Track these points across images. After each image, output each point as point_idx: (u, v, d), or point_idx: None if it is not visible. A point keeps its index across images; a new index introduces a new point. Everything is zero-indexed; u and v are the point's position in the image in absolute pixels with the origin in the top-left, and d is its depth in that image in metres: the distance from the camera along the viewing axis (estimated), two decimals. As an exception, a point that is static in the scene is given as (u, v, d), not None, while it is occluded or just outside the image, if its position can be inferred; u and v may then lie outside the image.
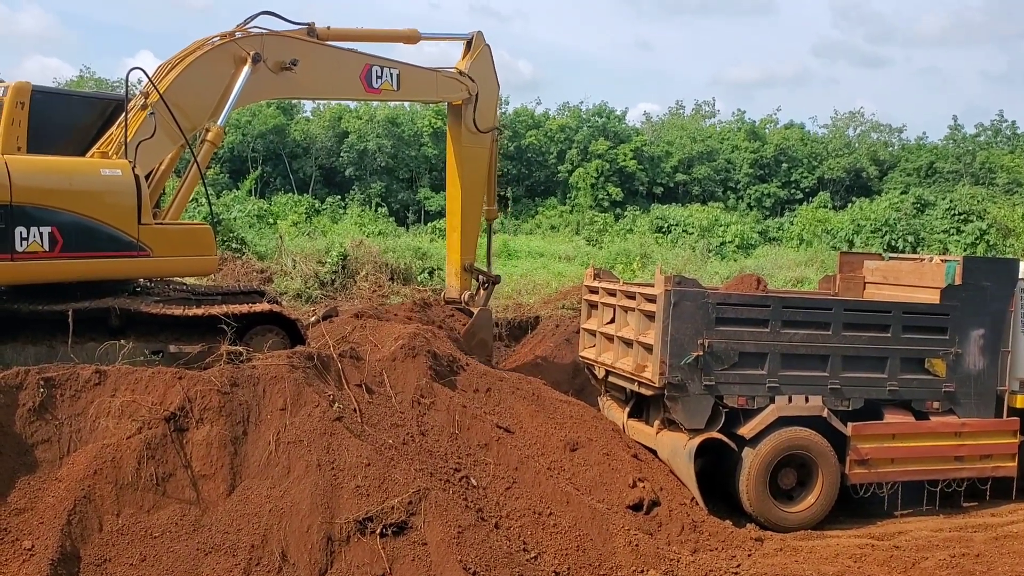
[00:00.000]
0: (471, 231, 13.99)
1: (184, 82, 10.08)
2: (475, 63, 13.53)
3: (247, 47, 10.52)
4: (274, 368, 8.04)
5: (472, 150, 13.67)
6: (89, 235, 8.92)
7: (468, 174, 13.69)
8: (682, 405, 9.29)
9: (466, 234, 13.83)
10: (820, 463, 9.51)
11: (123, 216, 9.12)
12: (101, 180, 9.11)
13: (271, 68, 10.76)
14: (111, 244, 9.07)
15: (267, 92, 11.66)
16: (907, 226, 33.66)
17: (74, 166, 9.28)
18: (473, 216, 14.00)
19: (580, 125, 60.94)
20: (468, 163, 13.66)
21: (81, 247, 8.92)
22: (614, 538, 8.04)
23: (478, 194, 14.00)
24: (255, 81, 10.64)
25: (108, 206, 9.05)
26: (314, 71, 11.47)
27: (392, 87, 12.35)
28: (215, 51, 10.38)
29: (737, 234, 36.99)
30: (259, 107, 58.34)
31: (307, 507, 7.08)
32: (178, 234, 9.78)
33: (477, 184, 13.92)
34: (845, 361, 9.68)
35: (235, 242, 20.88)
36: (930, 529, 9.45)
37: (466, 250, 13.91)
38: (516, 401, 9.61)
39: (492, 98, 14.03)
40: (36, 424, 7.28)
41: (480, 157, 13.84)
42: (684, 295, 9.20)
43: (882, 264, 12.29)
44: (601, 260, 27.15)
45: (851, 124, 68.51)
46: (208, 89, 10.32)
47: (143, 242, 9.24)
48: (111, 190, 9.10)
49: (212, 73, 10.36)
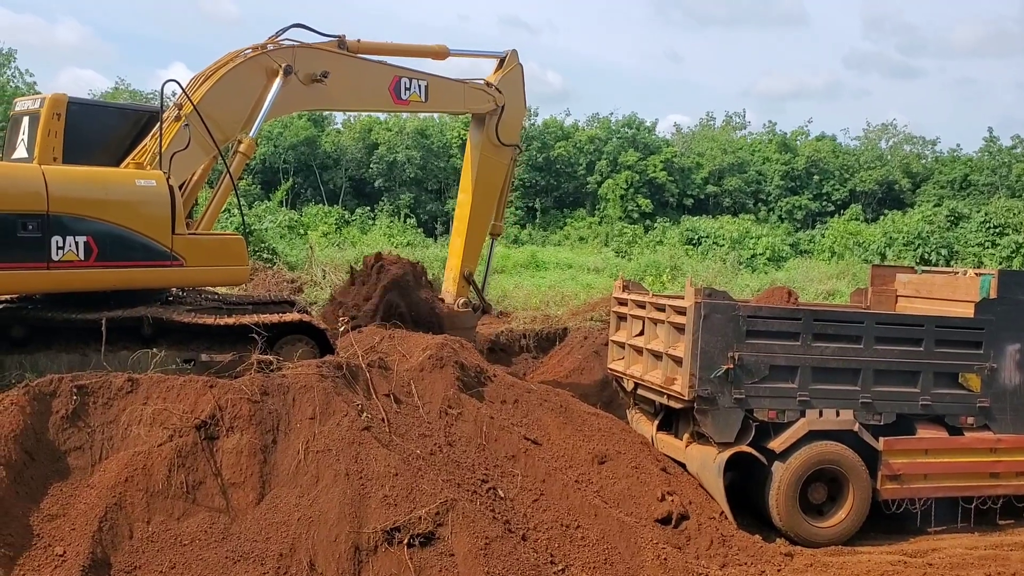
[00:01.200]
0: (475, 240, 14.04)
1: (217, 94, 10.22)
2: (505, 78, 13.62)
3: (279, 59, 10.65)
4: (304, 377, 8.08)
5: (491, 160, 13.74)
6: (124, 245, 9.04)
7: (482, 183, 13.75)
8: (712, 418, 9.22)
9: (470, 242, 13.90)
10: (851, 478, 9.40)
11: (157, 226, 9.23)
12: (136, 190, 9.24)
13: (302, 80, 10.87)
14: (145, 254, 9.18)
15: (298, 104, 11.76)
16: (941, 239, 33.32)
17: (110, 176, 9.40)
18: (480, 225, 14.04)
19: (609, 136, 60.87)
20: (484, 172, 13.73)
21: (116, 257, 9.04)
22: (642, 552, 7.99)
23: (489, 204, 14.01)
24: (286, 93, 10.74)
25: (143, 216, 9.16)
26: (344, 83, 11.60)
27: (420, 99, 12.47)
28: (247, 63, 10.52)
29: (768, 246, 36.79)
30: (290, 119, 58.95)
31: (335, 516, 7.11)
32: (211, 244, 9.90)
33: (489, 194, 13.95)
34: (877, 375, 9.57)
35: (266, 252, 21.09)
36: (965, 547, 9.30)
37: (468, 258, 13.98)
38: (544, 413, 9.59)
39: (518, 114, 14.12)
40: (69, 431, 7.37)
41: (497, 169, 13.88)
42: (714, 308, 9.14)
43: (915, 277, 12.15)
44: (630, 272, 27.09)
45: (883, 136, 67.92)
46: (240, 101, 10.46)
47: (177, 252, 9.34)
48: (146, 200, 9.21)
49: (244, 85, 10.49)
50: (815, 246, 41.07)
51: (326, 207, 44.27)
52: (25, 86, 50.14)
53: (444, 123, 61.89)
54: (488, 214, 14.08)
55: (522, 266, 29.38)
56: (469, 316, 13.99)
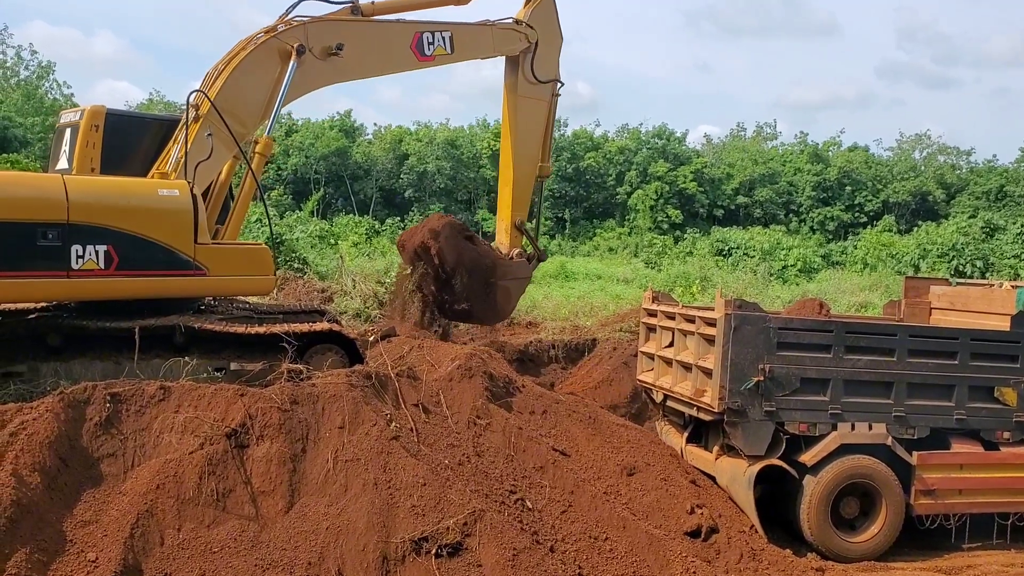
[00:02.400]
0: (524, 187, 13.34)
1: (232, 87, 10.05)
2: (536, 11, 12.99)
3: (290, 40, 10.36)
4: (333, 386, 8.12)
5: (528, 101, 13.01)
6: (145, 254, 9.07)
7: (523, 125, 13.05)
8: (742, 431, 9.15)
9: (518, 189, 13.23)
10: (884, 493, 9.28)
11: (180, 235, 9.24)
12: (159, 200, 9.27)
13: (318, 56, 10.54)
14: (167, 263, 9.20)
15: (317, 81, 11.17)
16: (976, 251, 32.89)
17: (132, 186, 9.49)
18: (526, 171, 13.30)
19: (639, 147, 60.86)
20: (523, 113, 13.03)
21: (136, 265, 9.06)
22: (671, 565, 7.93)
23: (532, 148, 13.28)
24: (303, 73, 10.46)
25: (164, 225, 9.17)
26: (362, 50, 11.16)
27: (445, 50, 11.90)
28: (258, 51, 10.27)
29: (799, 258, 36.51)
30: (322, 130, 59.59)
31: (363, 526, 7.12)
32: (235, 254, 9.90)
33: (532, 137, 13.22)
34: (910, 388, 9.45)
35: (297, 262, 21.23)
36: (1000, 564, 9.14)
37: (517, 206, 13.32)
38: (572, 424, 9.56)
39: (553, 47, 13.35)
40: (102, 438, 7.45)
41: (536, 109, 13.16)
42: (745, 319, 9.08)
43: (949, 289, 12.00)
44: (660, 283, 26.99)
45: (917, 146, 67.37)
46: (257, 90, 10.27)
47: (199, 261, 9.35)
48: (168, 209, 9.22)
49: (259, 73, 10.25)
50: (847, 257, 40.70)
51: (356, 217, 44.60)
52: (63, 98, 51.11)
53: (474, 134, 62.17)
54: (533, 158, 13.38)
55: (551, 277, 29.36)
56: (523, 266, 13.39)
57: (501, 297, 12.84)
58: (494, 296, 12.77)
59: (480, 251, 12.98)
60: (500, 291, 12.76)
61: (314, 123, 62.18)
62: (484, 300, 12.84)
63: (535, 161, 13.40)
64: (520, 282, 13.07)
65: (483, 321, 13.69)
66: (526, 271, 13.41)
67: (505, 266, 12.89)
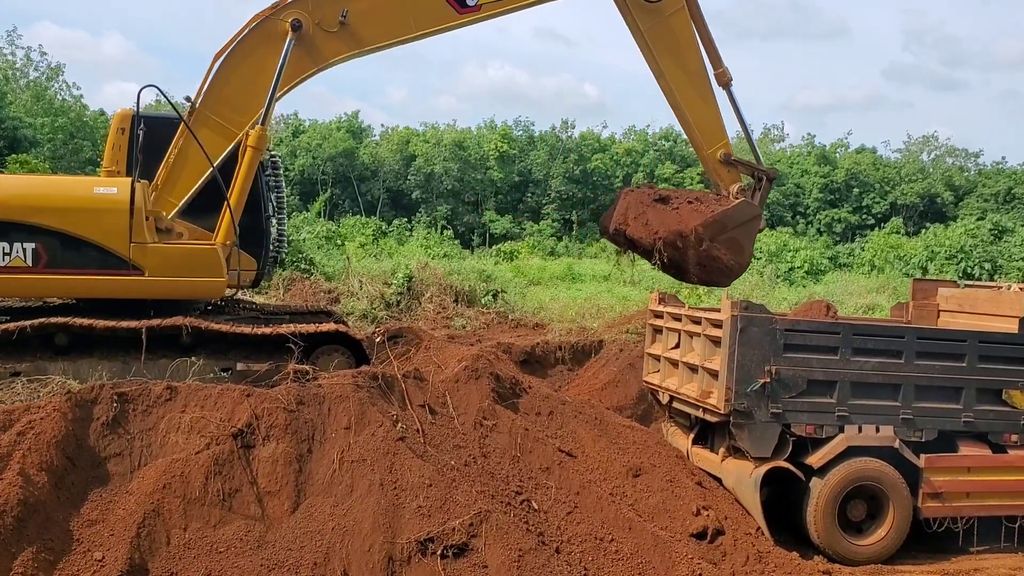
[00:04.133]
0: (703, 115, 11.28)
1: (228, 75, 9.69)
2: None
3: (286, 16, 9.62)
4: (339, 387, 8.13)
5: (657, 28, 10.86)
6: (76, 252, 8.99)
7: (666, 56, 10.97)
8: (748, 433, 9.13)
9: (702, 121, 11.28)
10: (891, 495, 9.25)
11: (114, 234, 9.07)
12: (93, 198, 9.18)
13: (327, 28, 9.66)
14: (100, 262, 9.07)
15: (327, 55, 10.01)
16: (984, 253, 32.74)
17: (65, 184, 9.52)
18: (699, 97, 11.20)
19: (646, 149, 60.83)
20: (660, 44, 10.90)
21: (66, 264, 9.01)
22: (677, 567, 7.91)
23: (691, 70, 11.11)
24: (305, 51, 9.69)
25: (99, 224, 9.05)
26: (383, 9, 9.93)
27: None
28: (253, 36, 9.74)
29: (806, 259, 36.39)
30: (329, 130, 59.68)
31: (369, 526, 7.12)
32: (178, 255, 9.45)
33: (684, 59, 11.06)
34: (918, 391, 9.41)
35: (304, 263, 21.27)
36: (1008, 567, 9.11)
37: (710, 139, 11.30)
38: (578, 425, 9.56)
39: None
40: (109, 438, 7.47)
41: (669, 30, 10.93)
42: (751, 321, 9.06)
43: (957, 292, 11.95)
44: (666, 284, 26.92)
45: (925, 148, 67.16)
46: (260, 77, 9.68)
47: (136, 261, 9.14)
48: (102, 208, 9.10)
49: (257, 59, 9.69)
50: (855, 259, 40.60)
51: (363, 218, 44.63)
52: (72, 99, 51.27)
53: (482, 136, 62.18)
54: (697, 81, 11.19)
55: (558, 278, 29.36)
56: (745, 206, 11.08)
57: (730, 252, 10.78)
58: (720, 258, 10.71)
59: (699, 203, 10.94)
60: (726, 244, 10.72)
61: (321, 124, 62.36)
62: (712, 266, 10.90)
63: (701, 81, 11.19)
64: (746, 225, 10.92)
65: (723, 283, 11.44)
66: (749, 210, 11.10)
67: (731, 216, 10.83)
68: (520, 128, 64.14)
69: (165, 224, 9.56)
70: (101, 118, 50.85)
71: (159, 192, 9.72)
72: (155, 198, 9.66)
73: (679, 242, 10.49)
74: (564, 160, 59.07)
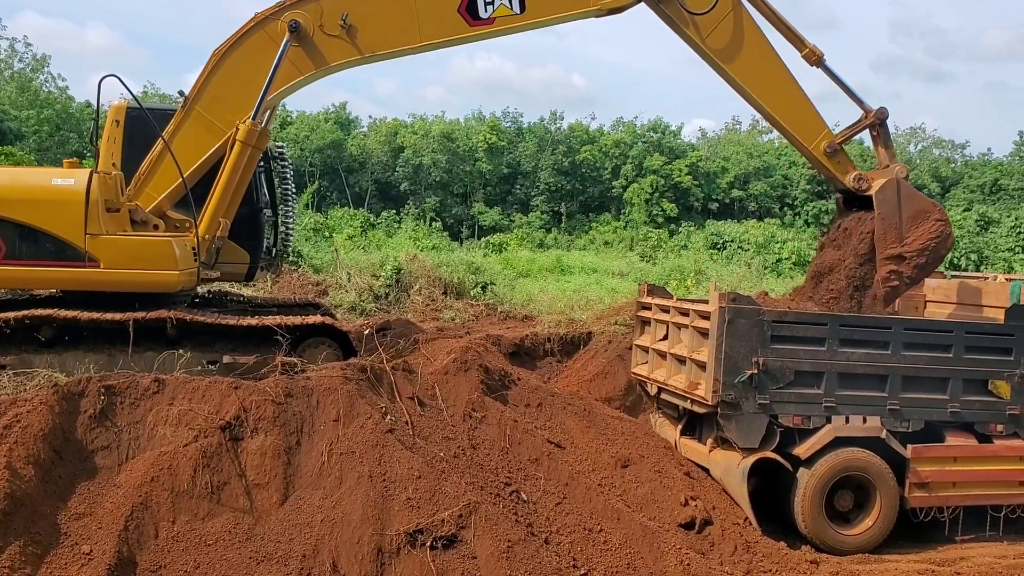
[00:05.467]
0: (797, 111, 10.56)
1: (224, 73, 9.62)
2: None
3: (287, 17, 9.50)
4: (328, 380, 8.11)
5: (716, 37, 10.30)
6: (33, 243, 8.95)
7: (735, 61, 10.35)
8: (736, 424, 9.16)
9: (794, 119, 10.59)
10: (878, 485, 9.30)
11: (69, 225, 9.00)
12: (50, 189, 9.10)
13: (328, 32, 9.52)
14: (56, 254, 9.02)
15: (329, 59, 9.78)
16: (970, 244, 32.90)
17: (22, 175, 9.43)
18: (783, 95, 10.49)
19: (635, 140, 60.82)
20: (725, 52, 10.30)
21: (23, 255, 8.97)
22: (665, 557, 7.94)
23: (766, 69, 10.39)
24: (304, 54, 9.56)
25: (54, 215, 8.98)
26: (386, 17, 9.66)
27: (511, 9, 9.78)
28: (252, 34, 9.65)
29: (794, 251, 36.43)
30: (317, 122, 59.48)
31: (358, 518, 7.12)
32: (132, 246, 9.34)
33: (755, 60, 10.37)
34: (905, 381, 9.46)
35: (292, 255, 21.20)
36: (993, 556, 9.18)
37: (808, 135, 10.59)
38: (567, 416, 9.57)
39: None
40: (96, 431, 7.45)
41: (729, 34, 10.30)
42: (739, 312, 9.08)
43: (944, 283, 12.02)
44: (655, 276, 26.99)
45: (912, 140, 67.39)
46: (252, 77, 9.60)
47: (91, 253, 9.07)
48: (59, 199, 9.03)
49: (253, 57, 9.58)
50: (842, 251, 40.67)
51: (352, 210, 44.52)
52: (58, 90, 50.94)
53: (470, 127, 62.08)
54: (779, 74, 10.44)
55: (547, 270, 29.32)
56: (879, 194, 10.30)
57: (915, 219, 10.32)
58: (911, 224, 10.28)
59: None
60: (914, 217, 10.33)
61: (309, 116, 62.08)
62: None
63: (781, 77, 10.47)
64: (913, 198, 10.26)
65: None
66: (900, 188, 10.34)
67: (887, 204, 10.35)
68: (509, 120, 64.13)
69: (141, 216, 9.51)
70: (87, 110, 50.50)
71: (139, 185, 9.70)
72: (135, 191, 9.64)
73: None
74: (553, 152, 59.04)
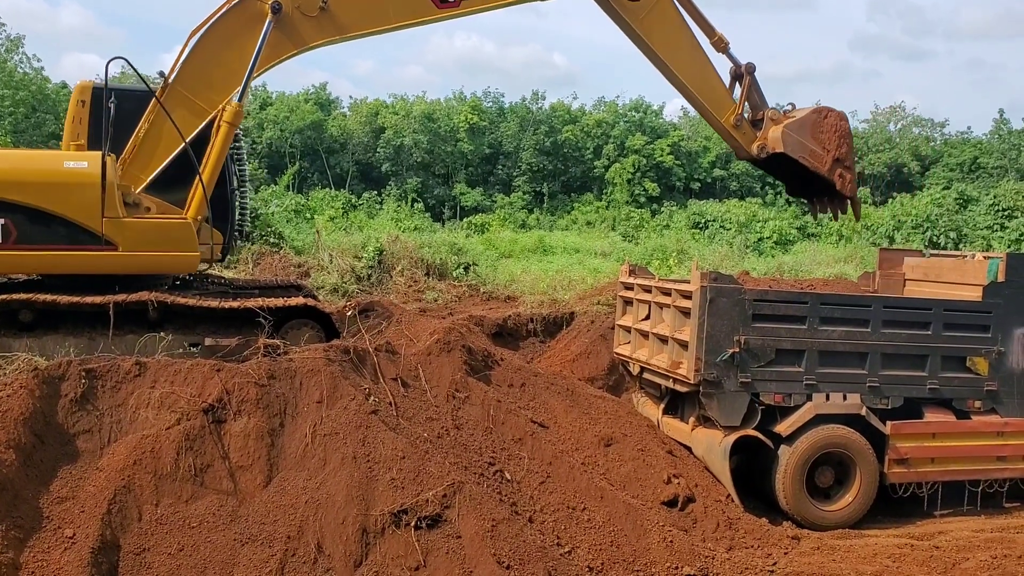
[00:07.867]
0: (711, 88, 11.41)
1: (204, 53, 9.58)
2: None
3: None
4: (311, 361, 8.10)
5: (647, 21, 10.95)
6: (47, 228, 8.85)
7: (661, 43, 11.06)
8: (717, 402, 9.22)
9: (709, 96, 11.40)
10: (858, 462, 9.40)
11: (85, 209, 8.93)
12: (63, 172, 9.01)
13: (306, 12, 9.67)
14: (71, 237, 8.95)
15: (305, 39, 9.94)
16: (949, 222, 33.11)
17: (34, 158, 9.29)
18: (700, 74, 11.31)
19: (617, 120, 60.81)
20: (654, 35, 11.03)
21: (37, 240, 8.87)
22: (648, 534, 8.01)
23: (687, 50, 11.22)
24: (284, 34, 9.66)
25: (69, 198, 8.91)
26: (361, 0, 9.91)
27: None
28: (230, 17, 9.68)
29: (775, 230, 36.65)
30: (297, 103, 59.02)
31: (343, 499, 7.14)
32: (151, 229, 9.34)
33: (679, 43, 11.16)
34: (884, 359, 9.55)
35: (273, 237, 21.08)
36: (971, 530, 9.31)
37: (719, 109, 11.45)
38: (550, 396, 9.61)
39: None
40: (78, 414, 7.41)
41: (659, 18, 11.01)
42: (720, 291, 9.13)
43: (923, 261, 12.10)
44: (637, 256, 27.04)
45: (892, 119, 67.66)
46: (232, 56, 9.61)
47: (108, 236, 9.03)
48: (73, 182, 8.95)
49: (233, 37, 9.61)
50: (823, 229, 40.89)
51: (333, 191, 44.31)
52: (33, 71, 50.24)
53: (451, 107, 61.80)
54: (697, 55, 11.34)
55: (529, 251, 29.32)
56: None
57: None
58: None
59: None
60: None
61: (289, 96, 61.59)
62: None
63: (699, 58, 11.36)
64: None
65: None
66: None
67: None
68: (490, 100, 63.88)
69: (133, 198, 9.46)
70: (63, 91, 49.87)
71: (127, 166, 9.60)
72: (123, 172, 9.54)
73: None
74: (535, 132, 58.91)
